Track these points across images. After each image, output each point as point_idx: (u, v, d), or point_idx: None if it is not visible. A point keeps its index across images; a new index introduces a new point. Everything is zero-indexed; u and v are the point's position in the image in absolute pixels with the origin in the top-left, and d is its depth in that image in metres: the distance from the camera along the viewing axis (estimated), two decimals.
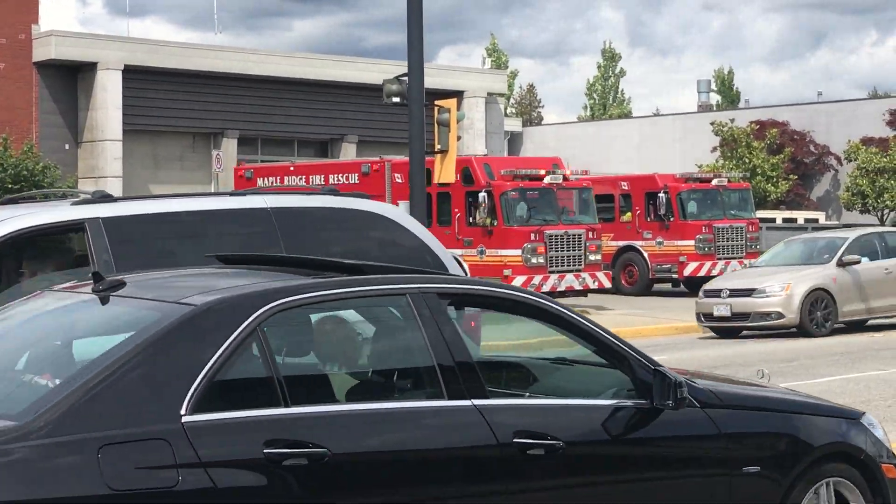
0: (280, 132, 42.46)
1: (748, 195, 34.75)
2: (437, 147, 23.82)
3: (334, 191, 8.95)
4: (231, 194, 8.57)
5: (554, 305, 5.79)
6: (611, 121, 66.28)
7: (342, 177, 30.72)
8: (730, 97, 74.82)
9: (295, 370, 5.29)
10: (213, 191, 35.36)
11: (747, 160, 50.82)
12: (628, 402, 5.63)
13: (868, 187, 47.43)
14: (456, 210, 28.56)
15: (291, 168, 33.23)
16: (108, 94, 37.87)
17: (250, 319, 4.90)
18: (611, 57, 77.52)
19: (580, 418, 5.50)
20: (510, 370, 6.43)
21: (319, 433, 4.80)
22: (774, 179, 51.11)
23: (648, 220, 33.45)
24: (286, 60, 42.30)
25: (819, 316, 22.44)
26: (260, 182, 32.50)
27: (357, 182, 29.74)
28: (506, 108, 58.71)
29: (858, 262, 23.20)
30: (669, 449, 5.74)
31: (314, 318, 5.53)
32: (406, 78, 22.95)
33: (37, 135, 37.32)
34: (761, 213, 41.09)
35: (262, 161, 43.68)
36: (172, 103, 39.58)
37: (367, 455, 4.92)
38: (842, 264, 23.04)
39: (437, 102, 24.04)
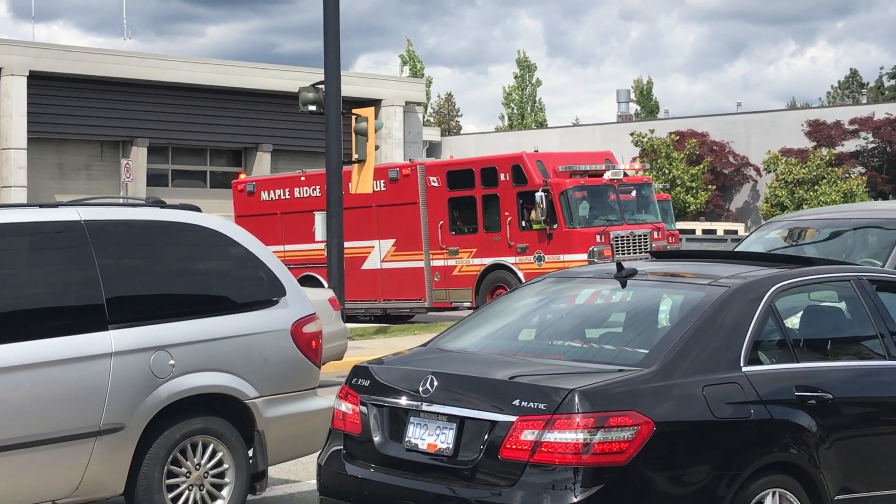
0: (192, 140, 41.42)
1: (668, 206, 34.41)
2: (355, 156, 23.09)
3: (160, 203, 8.61)
4: (41, 206, 8.08)
5: None
6: (530, 130, 65.97)
7: None
8: (648, 107, 74.97)
9: (795, 334, 6.90)
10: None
11: (667, 171, 50.71)
12: None
13: (787, 198, 47.51)
14: (506, 213, 25.32)
15: (303, 178, 28.96)
16: (13, 101, 36.69)
17: (767, 295, 6.60)
18: (526, 66, 77.29)
19: None
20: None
21: (823, 382, 6.53)
22: (694, 190, 51.05)
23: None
24: (198, 67, 41.27)
25: None
26: (264, 196, 29.09)
27: (384, 189, 26.43)
28: (424, 118, 58.08)
29: None
30: None
31: (798, 295, 7.13)
32: (322, 86, 22.24)
33: None
34: (681, 225, 40.89)
35: (173, 170, 42.50)
36: (80, 111, 38.42)
37: (851, 399, 6.69)
38: None
39: (354, 111, 23.31)
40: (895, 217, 12.25)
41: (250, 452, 8.16)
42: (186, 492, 7.85)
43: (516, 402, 5.90)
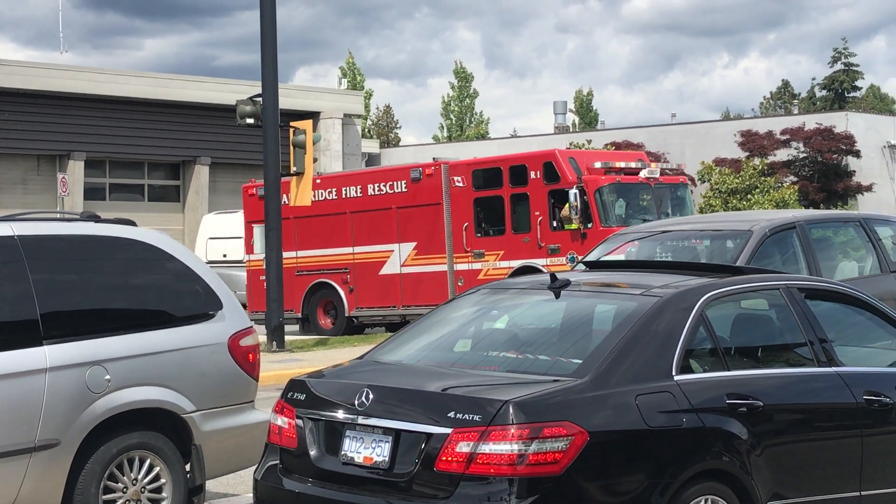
0: (130, 154, 41.15)
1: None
2: (293, 169, 23.11)
3: (95, 217, 8.57)
4: None
5: (866, 297, 7.72)
6: (469, 142, 66.04)
7: (385, 186, 25.77)
8: (588, 118, 75.34)
9: (726, 343, 6.94)
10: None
11: None
12: None
13: (721, 207, 47.90)
14: (537, 213, 23.79)
15: (318, 181, 26.81)
16: None
17: (698, 305, 6.68)
18: (463, 77, 77.44)
19: (892, 382, 7.38)
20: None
21: (754, 390, 6.63)
22: None
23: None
24: (136, 80, 41.02)
25: None
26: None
27: (405, 190, 25.29)
28: (363, 130, 58.07)
29: None
30: None
31: (729, 304, 7.16)
32: (260, 98, 22.26)
33: None
34: None
35: (110, 184, 42.20)
36: (15, 125, 38.04)
37: (781, 405, 6.77)
38: None
39: (292, 124, 23.33)
40: (738, 228, 12.09)
41: (188, 467, 8.16)
42: None
43: (451, 414, 5.94)
